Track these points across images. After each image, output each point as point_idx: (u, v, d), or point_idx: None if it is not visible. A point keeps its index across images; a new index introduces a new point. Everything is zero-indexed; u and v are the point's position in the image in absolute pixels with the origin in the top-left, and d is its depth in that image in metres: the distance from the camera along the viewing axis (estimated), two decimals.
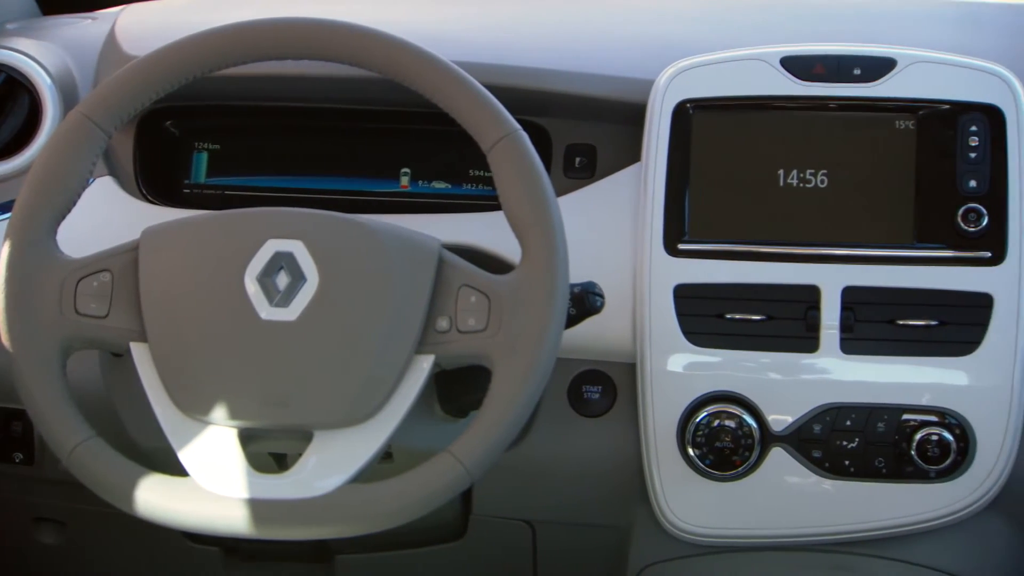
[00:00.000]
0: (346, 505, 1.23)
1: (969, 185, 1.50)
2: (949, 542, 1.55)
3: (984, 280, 1.48)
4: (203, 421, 1.27)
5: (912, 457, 1.49)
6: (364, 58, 1.31)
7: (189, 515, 1.25)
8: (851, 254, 1.51)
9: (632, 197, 1.58)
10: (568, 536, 1.72)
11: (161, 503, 1.25)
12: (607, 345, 1.57)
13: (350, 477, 1.25)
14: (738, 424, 1.50)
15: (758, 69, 1.54)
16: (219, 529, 1.25)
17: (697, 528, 1.55)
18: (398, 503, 1.23)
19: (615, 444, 1.60)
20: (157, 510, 1.25)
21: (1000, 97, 1.50)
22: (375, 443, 1.26)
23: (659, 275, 1.52)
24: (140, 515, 1.26)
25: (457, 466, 1.23)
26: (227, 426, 1.27)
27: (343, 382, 1.25)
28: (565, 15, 1.79)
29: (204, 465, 1.26)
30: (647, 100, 1.57)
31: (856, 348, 1.50)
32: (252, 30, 1.33)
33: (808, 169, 1.52)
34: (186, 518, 1.25)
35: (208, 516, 1.24)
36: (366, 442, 1.26)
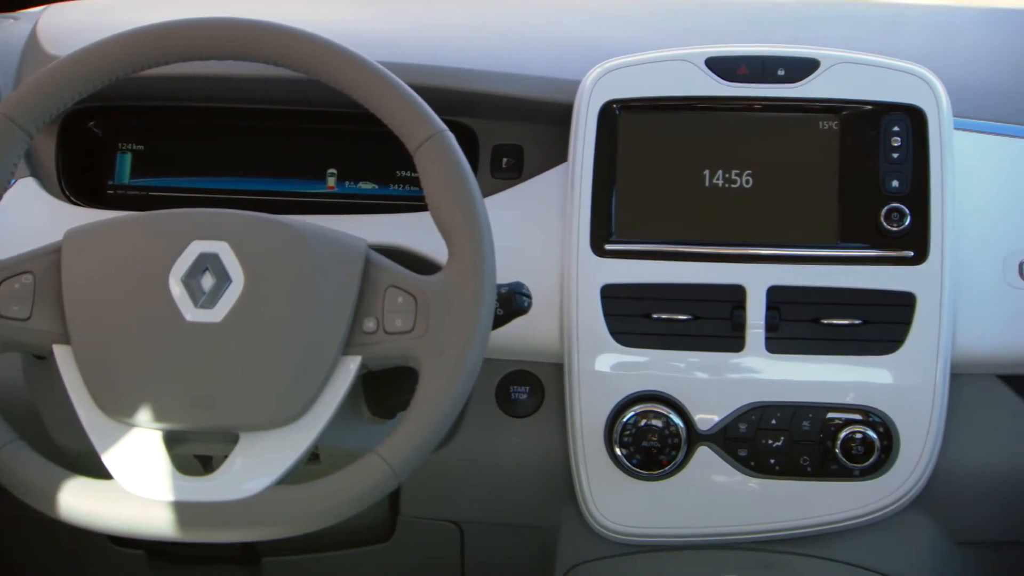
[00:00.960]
0: (272, 507, 1.23)
1: (892, 185, 1.52)
2: (873, 539, 1.57)
3: (907, 279, 1.51)
4: (127, 423, 1.27)
5: (837, 455, 1.51)
6: (289, 58, 1.32)
7: (113, 518, 1.25)
8: (776, 254, 1.52)
9: (559, 197, 1.59)
10: (496, 537, 1.73)
11: (85, 506, 1.24)
12: (534, 345, 1.58)
13: (276, 479, 1.25)
14: (665, 424, 1.51)
15: (683, 70, 1.55)
16: (144, 532, 1.25)
17: (624, 528, 1.56)
18: (325, 504, 1.24)
19: (543, 444, 1.61)
20: (81, 513, 1.25)
21: (922, 98, 1.53)
22: (301, 444, 1.26)
23: (586, 275, 1.53)
24: (64, 519, 1.25)
25: (384, 467, 1.24)
26: (152, 428, 1.27)
27: (269, 383, 1.25)
28: (491, 16, 1.80)
29: (128, 468, 1.26)
30: (574, 100, 1.58)
31: (781, 347, 1.52)
32: (176, 30, 1.33)
33: (733, 169, 1.54)
34: (110, 521, 1.25)
35: (132, 519, 1.24)
36: (292, 443, 1.26)
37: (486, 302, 1.27)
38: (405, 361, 1.29)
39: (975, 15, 1.91)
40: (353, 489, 1.24)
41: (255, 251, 1.28)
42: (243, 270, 1.27)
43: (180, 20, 1.33)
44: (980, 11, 1.95)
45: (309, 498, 1.24)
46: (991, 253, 1.54)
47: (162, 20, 1.33)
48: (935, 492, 1.55)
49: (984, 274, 1.54)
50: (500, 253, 1.31)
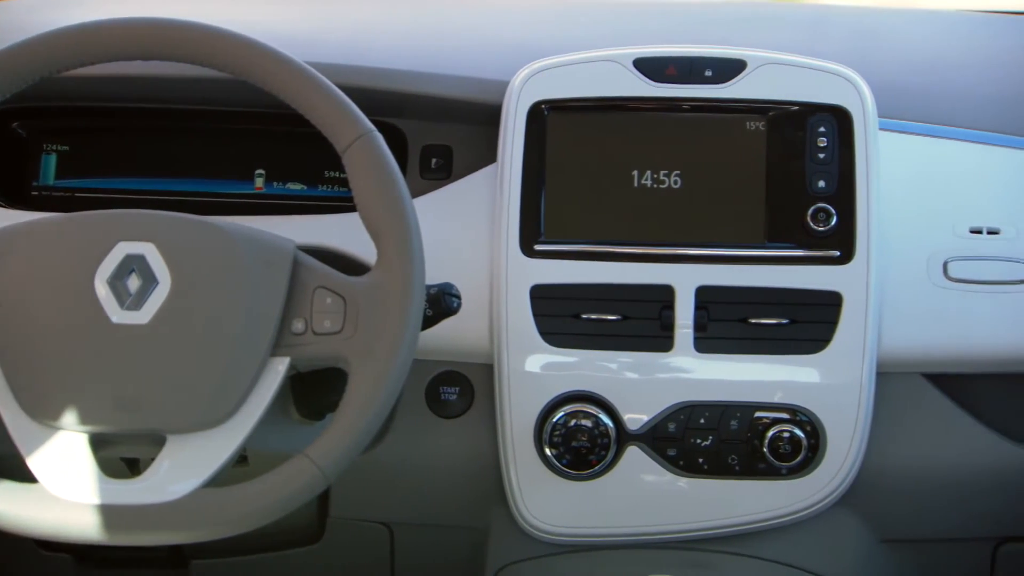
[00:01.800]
0: (200, 509, 1.23)
1: (818, 185, 1.54)
2: (801, 537, 1.60)
3: (833, 279, 1.53)
4: (53, 426, 1.26)
5: (764, 454, 1.53)
6: (215, 58, 1.32)
7: (38, 522, 1.24)
8: (704, 254, 1.54)
9: (488, 198, 1.60)
10: (426, 537, 1.73)
11: (10, 510, 1.24)
12: (464, 346, 1.59)
13: (204, 481, 1.25)
14: (594, 423, 1.53)
15: (611, 70, 1.57)
16: (70, 536, 1.25)
17: (554, 528, 1.57)
18: (253, 506, 1.24)
19: (473, 445, 1.62)
20: (5, 518, 1.24)
21: (847, 98, 1.55)
22: (229, 446, 1.26)
23: (515, 276, 1.54)
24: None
25: (313, 468, 1.24)
26: (77, 431, 1.26)
27: (196, 385, 1.25)
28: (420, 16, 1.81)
29: (53, 471, 1.25)
30: (502, 101, 1.59)
31: (710, 347, 1.53)
32: (102, 30, 1.32)
33: (662, 170, 1.55)
34: (36, 525, 1.25)
35: (58, 522, 1.24)
36: (220, 446, 1.26)
37: (415, 303, 1.28)
38: (334, 362, 1.29)
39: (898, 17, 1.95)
40: (281, 491, 1.24)
41: (182, 252, 1.28)
42: (170, 271, 1.27)
43: (105, 20, 1.33)
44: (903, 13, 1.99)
45: (237, 500, 1.24)
46: (916, 253, 1.57)
47: (88, 20, 1.33)
48: (861, 490, 1.57)
49: (909, 273, 1.56)
50: (429, 254, 1.31)
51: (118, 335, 1.26)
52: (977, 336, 1.55)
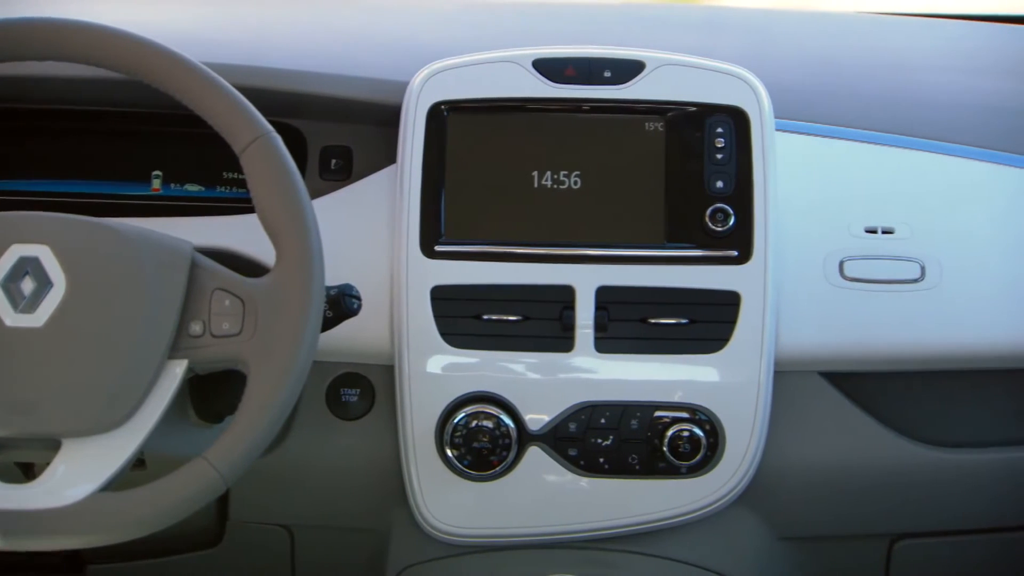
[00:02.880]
0: (96, 513, 1.23)
1: (716, 186, 1.56)
2: (700, 536, 1.62)
3: (732, 279, 1.55)
4: None
5: (664, 454, 1.55)
6: (111, 59, 1.31)
7: None
8: (604, 254, 1.56)
9: (389, 199, 1.60)
10: (327, 540, 1.73)
11: None
12: (365, 347, 1.60)
13: (100, 485, 1.24)
14: (496, 424, 1.54)
15: (510, 71, 1.58)
16: None
17: (455, 529, 1.59)
18: (150, 510, 1.24)
19: (374, 447, 1.62)
20: None
21: (744, 99, 1.57)
22: (126, 450, 1.26)
23: (416, 277, 1.55)
24: None
25: (211, 471, 1.24)
26: None
27: (92, 388, 1.25)
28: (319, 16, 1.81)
29: None
30: (402, 102, 1.59)
31: (610, 347, 1.55)
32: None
33: (562, 170, 1.57)
34: None
35: None
36: (117, 449, 1.26)
37: (314, 304, 1.29)
38: (233, 364, 1.29)
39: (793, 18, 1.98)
40: (179, 494, 1.24)
41: (77, 254, 1.28)
42: (65, 274, 1.27)
43: None
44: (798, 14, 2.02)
45: (134, 504, 1.24)
46: (813, 252, 1.60)
47: None
48: (759, 489, 1.60)
49: (806, 273, 1.59)
50: (329, 255, 1.32)
51: (12, 338, 1.25)
52: (872, 334, 1.59)
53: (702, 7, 1.91)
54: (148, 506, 1.24)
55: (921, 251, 1.59)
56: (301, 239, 1.29)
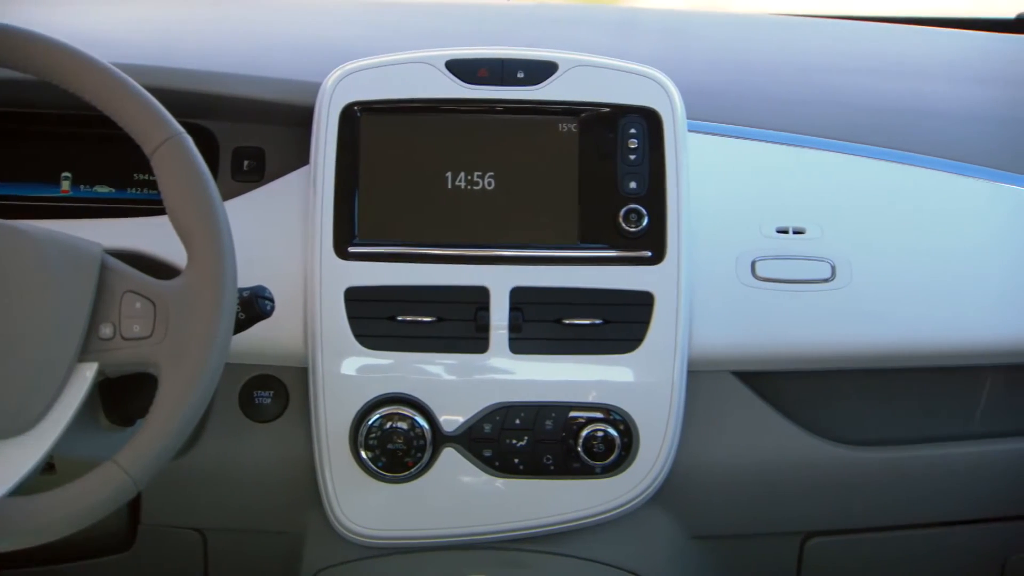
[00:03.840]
0: (4, 518, 1.22)
1: (629, 186, 1.58)
2: (614, 535, 1.64)
3: (645, 279, 1.57)
4: None
5: (579, 454, 1.57)
6: (19, 60, 1.31)
7: None
8: (519, 255, 1.57)
9: (302, 200, 1.61)
10: (240, 543, 1.73)
11: None
12: (278, 349, 1.60)
13: (9, 489, 1.24)
14: (410, 426, 1.55)
15: (423, 72, 1.59)
16: None
17: (370, 531, 1.59)
18: (60, 514, 1.23)
19: (288, 449, 1.63)
20: None
21: (657, 100, 1.59)
22: (35, 454, 1.26)
23: (329, 278, 1.56)
24: None
25: (121, 475, 1.24)
26: None
27: (0, 392, 1.25)
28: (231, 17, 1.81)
29: None
30: (315, 102, 1.60)
31: (525, 348, 1.57)
32: None
33: (475, 171, 1.58)
34: None
35: None
36: (26, 453, 1.26)
37: (226, 306, 1.29)
38: (144, 367, 1.29)
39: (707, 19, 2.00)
40: (89, 498, 1.24)
41: None
42: None
43: None
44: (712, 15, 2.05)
45: (43, 508, 1.23)
46: (725, 252, 1.62)
47: None
48: (673, 488, 1.62)
49: (719, 273, 1.61)
50: (241, 257, 1.33)
51: None
52: (784, 334, 1.61)
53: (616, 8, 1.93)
54: (57, 510, 1.23)
55: (832, 251, 1.62)
56: (212, 241, 1.29)
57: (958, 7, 2.43)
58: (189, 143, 1.31)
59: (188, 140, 1.31)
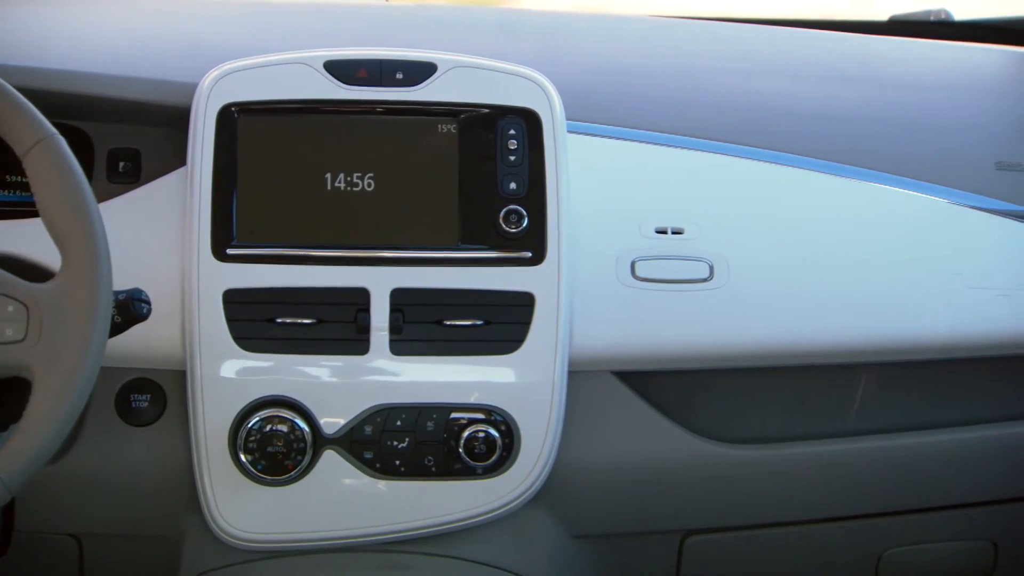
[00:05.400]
0: None
1: (509, 187, 1.60)
2: (496, 536, 1.66)
3: (526, 279, 1.59)
4: None
5: (460, 455, 1.58)
6: None
7: None
8: (399, 256, 1.58)
9: (179, 202, 1.60)
10: (117, 548, 1.72)
11: None
12: (156, 352, 1.60)
13: None
14: (290, 428, 1.55)
15: (302, 73, 1.59)
16: None
17: (250, 534, 1.59)
18: None
19: (166, 453, 1.63)
20: None
21: (536, 101, 1.61)
22: None
23: (207, 281, 1.56)
24: None
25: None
26: None
27: None
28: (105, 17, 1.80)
29: None
30: (191, 103, 1.59)
31: (405, 349, 1.58)
32: None
33: (355, 172, 1.59)
34: None
35: None
36: None
37: (102, 309, 1.29)
38: (17, 372, 1.29)
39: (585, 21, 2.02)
40: None
41: None
42: None
43: None
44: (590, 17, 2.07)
45: None
46: (605, 253, 1.64)
47: None
48: (553, 488, 1.65)
49: (599, 273, 1.63)
50: (117, 259, 1.33)
51: None
52: (663, 333, 1.64)
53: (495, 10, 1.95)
54: None
55: (709, 251, 1.65)
56: (87, 243, 1.29)
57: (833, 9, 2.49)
58: (62, 144, 1.31)
59: (61, 141, 1.31)
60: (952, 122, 1.84)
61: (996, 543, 1.86)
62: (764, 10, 2.42)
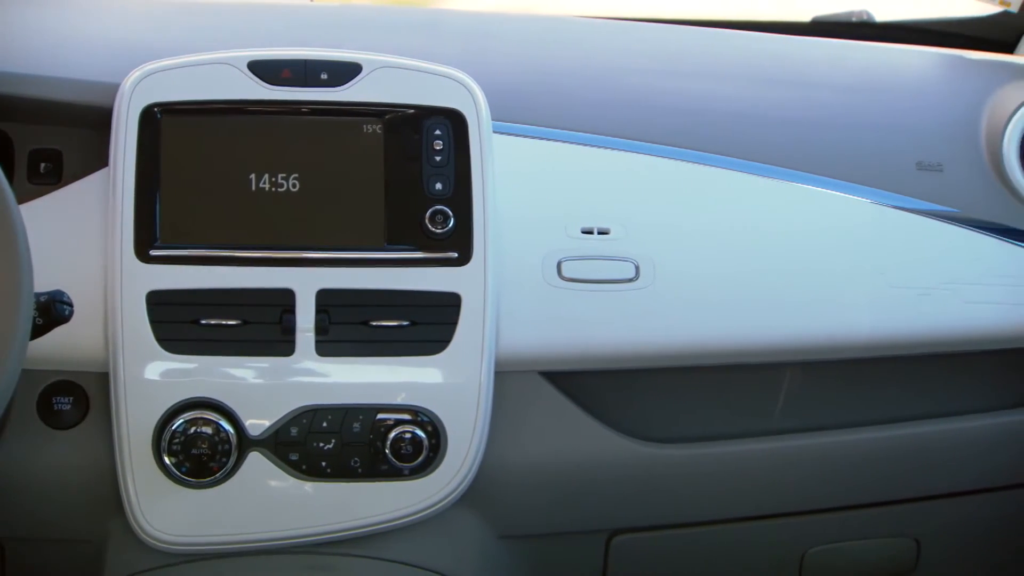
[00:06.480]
0: None
1: (435, 188, 1.60)
2: (423, 537, 1.67)
3: (452, 280, 1.60)
4: None
5: (387, 456, 1.59)
6: None
7: None
8: (325, 257, 1.58)
9: (102, 203, 1.60)
10: (40, 553, 1.72)
11: None
12: (78, 354, 1.59)
13: None
14: (215, 430, 1.55)
15: (226, 73, 1.59)
16: None
17: (174, 537, 1.59)
18: None
19: (89, 456, 1.62)
20: None
21: (461, 101, 1.62)
22: None
23: (130, 282, 1.55)
24: None
25: None
26: None
27: None
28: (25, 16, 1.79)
29: None
30: (113, 104, 1.59)
31: (331, 350, 1.58)
32: None
33: (279, 173, 1.59)
34: None
35: None
36: None
37: (22, 311, 1.28)
38: None
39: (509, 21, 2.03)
40: None
41: None
42: None
43: None
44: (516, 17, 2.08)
45: None
46: (531, 253, 1.65)
47: None
48: (480, 488, 1.65)
49: (525, 274, 1.65)
50: (38, 261, 1.32)
51: None
52: (589, 334, 1.65)
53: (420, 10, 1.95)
54: None
55: (635, 251, 1.66)
56: (7, 245, 1.28)
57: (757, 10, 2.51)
58: None
59: None
60: (874, 122, 1.86)
61: (918, 540, 1.89)
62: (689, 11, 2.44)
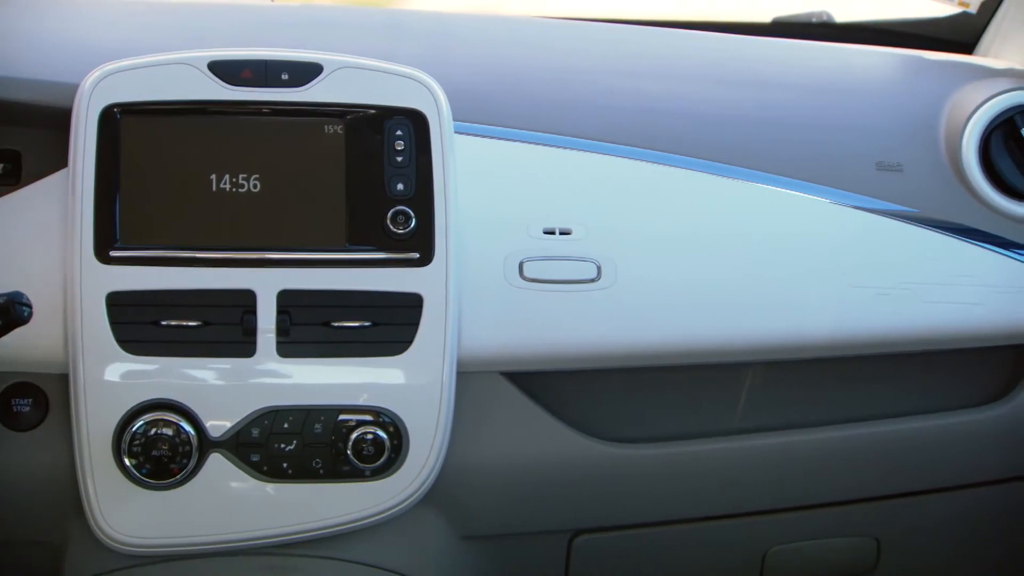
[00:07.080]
0: None
1: (397, 188, 1.61)
2: (385, 537, 1.67)
3: (414, 280, 1.60)
4: None
5: (348, 457, 1.59)
6: None
7: None
8: (286, 258, 1.58)
9: (61, 204, 1.59)
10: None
11: None
12: (37, 356, 1.59)
13: None
14: (175, 432, 1.55)
15: (186, 73, 1.59)
16: None
17: (135, 539, 1.59)
18: None
19: (48, 457, 1.62)
20: None
21: (422, 102, 1.62)
22: None
23: (90, 283, 1.55)
24: None
25: None
26: None
27: None
28: None
29: None
30: (72, 104, 1.58)
31: (293, 351, 1.58)
32: None
33: (240, 173, 1.59)
34: None
35: None
36: None
37: None
38: None
39: (471, 21, 2.03)
40: None
41: None
42: None
43: None
44: (476, 18, 2.08)
45: None
46: (493, 254, 1.66)
47: None
48: (443, 489, 1.66)
49: (487, 274, 1.65)
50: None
51: None
52: (551, 334, 1.66)
53: (381, 10, 1.95)
54: None
55: (597, 251, 1.67)
56: None
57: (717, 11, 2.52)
58: None
59: None
60: (834, 123, 1.87)
61: (879, 539, 1.90)
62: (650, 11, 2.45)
